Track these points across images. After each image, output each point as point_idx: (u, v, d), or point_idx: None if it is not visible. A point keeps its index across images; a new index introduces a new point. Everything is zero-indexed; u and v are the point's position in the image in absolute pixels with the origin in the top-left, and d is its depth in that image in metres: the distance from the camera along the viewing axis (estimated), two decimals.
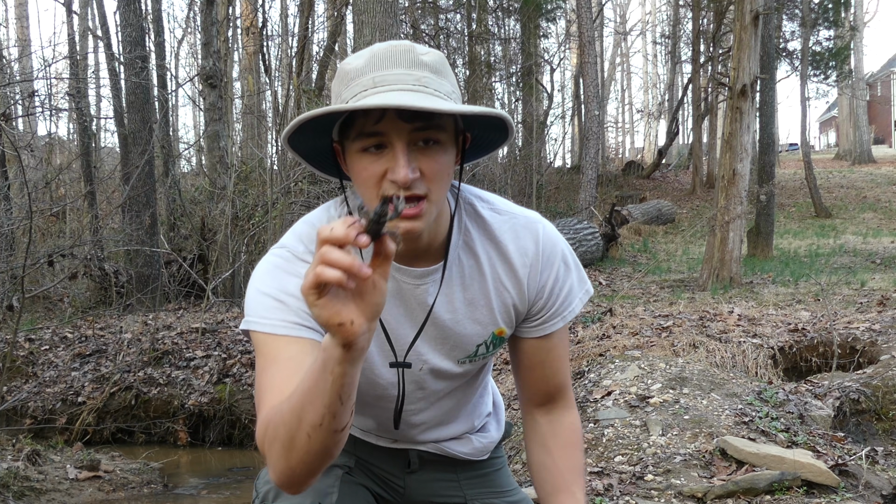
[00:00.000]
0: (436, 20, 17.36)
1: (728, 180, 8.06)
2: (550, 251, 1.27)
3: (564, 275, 1.29)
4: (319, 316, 0.86)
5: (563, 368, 1.37)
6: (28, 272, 5.41)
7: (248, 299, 1.18)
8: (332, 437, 0.98)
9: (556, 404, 1.38)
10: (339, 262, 0.83)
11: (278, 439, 1.01)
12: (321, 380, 0.93)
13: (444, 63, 1.12)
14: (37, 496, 3.67)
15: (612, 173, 22.28)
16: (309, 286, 0.84)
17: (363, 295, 0.88)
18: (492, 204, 1.28)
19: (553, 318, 1.31)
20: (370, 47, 1.13)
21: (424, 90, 1.07)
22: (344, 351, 0.89)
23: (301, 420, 0.97)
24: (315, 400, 0.94)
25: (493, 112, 1.12)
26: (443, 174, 1.10)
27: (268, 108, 15.76)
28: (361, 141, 1.07)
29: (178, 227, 9.76)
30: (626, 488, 2.65)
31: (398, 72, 1.08)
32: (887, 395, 3.52)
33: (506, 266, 1.26)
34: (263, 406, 1.08)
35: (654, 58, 38.62)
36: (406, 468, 1.44)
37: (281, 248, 1.22)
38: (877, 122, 37.72)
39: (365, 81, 1.08)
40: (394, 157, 1.06)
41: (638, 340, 4.76)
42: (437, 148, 1.09)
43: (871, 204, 18.02)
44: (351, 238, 0.83)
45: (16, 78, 8.87)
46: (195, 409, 5.29)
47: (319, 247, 0.84)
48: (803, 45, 18.44)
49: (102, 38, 11.64)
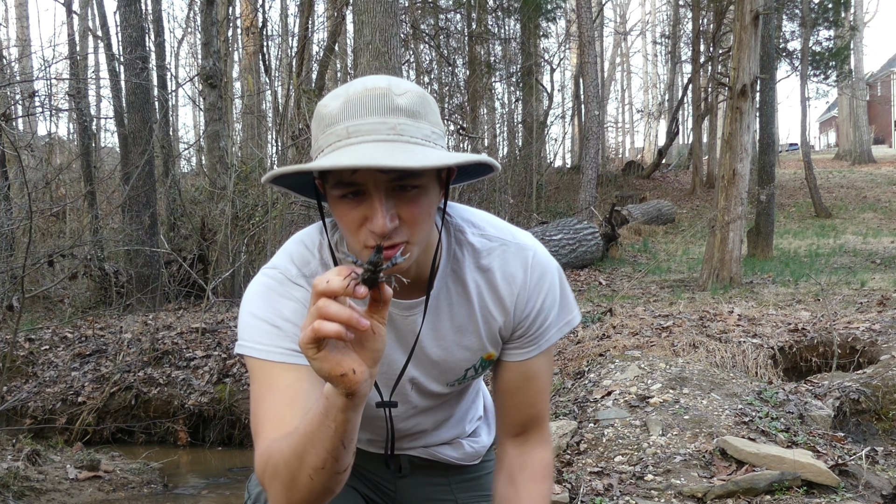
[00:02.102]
0: (436, 20, 17.36)
1: (728, 180, 8.06)
2: (539, 279, 1.24)
3: (549, 306, 1.26)
4: (321, 369, 0.86)
5: (540, 400, 1.32)
6: (28, 272, 5.41)
7: (242, 322, 1.19)
8: (335, 479, 0.99)
9: (530, 437, 1.34)
10: (338, 316, 0.83)
11: (279, 477, 1.01)
12: (323, 426, 0.93)
13: (423, 102, 1.08)
14: (37, 496, 3.67)
15: (612, 173, 22.30)
16: (307, 341, 0.84)
17: (363, 343, 0.88)
18: (482, 229, 1.25)
19: (528, 346, 1.28)
20: (347, 87, 1.09)
21: (399, 139, 1.03)
22: (347, 400, 0.89)
23: (303, 462, 0.98)
24: (317, 444, 0.95)
25: (470, 159, 1.08)
26: (423, 217, 1.08)
27: (268, 108, 15.78)
28: (339, 189, 1.05)
29: (178, 227, 9.76)
30: (626, 488, 2.65)
31: (373, 120, 1.04)
32: (887, 395, 3.52)
33: (493, 294, 1.24)
34: (261, 437, 1.08)
35: (654, 58, 38.66)
36: (397, 473, 1.44)
37: (273, 269, 1.21)
38: (877, 122, 37.72)
39: (339, 131, 1.04)
40: (371, 207, 1.03)
41: (638, 340, 4.76)
42: (416, 192, 1.06)
43: (871, 204, 18.03)
44: (350, 290, 0.83)
45: (16, 78, 8.87)
46: (195, 409, 5.29)
47: (315, 300, 0.84)
48: (803, 45, 18.45)
49: (102, 38, 11.64)
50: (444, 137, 1.12)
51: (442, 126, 1.13)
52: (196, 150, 15.98)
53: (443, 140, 1.11)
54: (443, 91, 17.44)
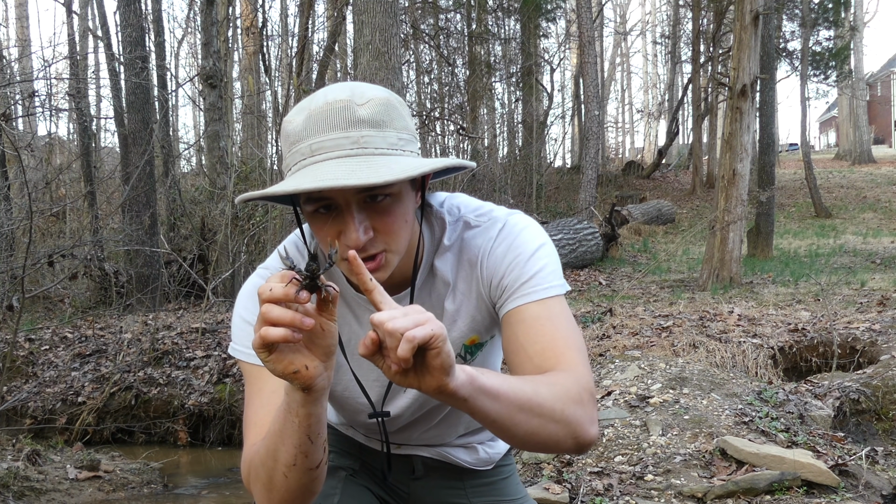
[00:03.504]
0: (436, 20, 17.36)
1: (728, 180, 8.06)
2: (508, 232, 1.19)
3: (522, 250, 1.18)
4: (274, 370, 0.89)
5: (556, 346, 1.12)
6: (28, 272, 5.41)
7: (233, 324, 1.21)
8: (308, 475, 1.01)
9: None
10: (281, 320, 0.85)
11: (259, 479, 1.05)
12: (288, 422, 0.96)
13: (386, 109, 1.05)
14: (37, 496, 3.67)
15: (612, 173, 22.31)
16: (257, 346, 0.87)
17: (314, 340, 0.90)
18: (465, 216, 1.23)
19: (517, 293, 1.17)
20: (310, 99, 1.08)
21: (363, 152, 1.02)
22: (304, 394, 0.92)
23: (276, 460, 1.00)
24: (286, 441, 0.98)
25: (436, 165, 1.05)
26: (399, 225, 1.07)
27: (268, 108, 15.76)
28: (311, 205, 1.05)
29: (178, 227, 9.76)
30: (626, 488, 2.65)
31: (335, 136, 1.03)
32: (887, 395, 3.52)
33: (469, 269, 1.21)
34: (247, 441, 1.12)
35: (654, 58, 38.65)
36: (411, 474, 1.43)
37: (265, 269, 1.23)
38: (877, 122, 37.72)
39: (303, 149, 1.04)
40: (344, 221, 1.04)
41: (638, 340, 4.76)
42: (388, 201, 1.05)
43: (871, 204, 18.03)
44: (291, 296, 0.85)
45: (16, 78, 8.86)
46: (195, 409, 5.29)
47: (262, 306, 0.86)
48: (803, 45, 18.45)
49: (102, 38, 11.64)
50: (413, 140, 1.11)
51: (411, 128, 1.11)
52: (196, 150, 15.98)
53: (412, 143, 1.10)
54: (443, 91, 17.45)
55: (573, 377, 1.08)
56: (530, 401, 0.99)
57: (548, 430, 1.01)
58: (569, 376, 1.07)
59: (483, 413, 0.95)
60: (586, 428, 1.06)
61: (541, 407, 1.00)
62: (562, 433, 1.03)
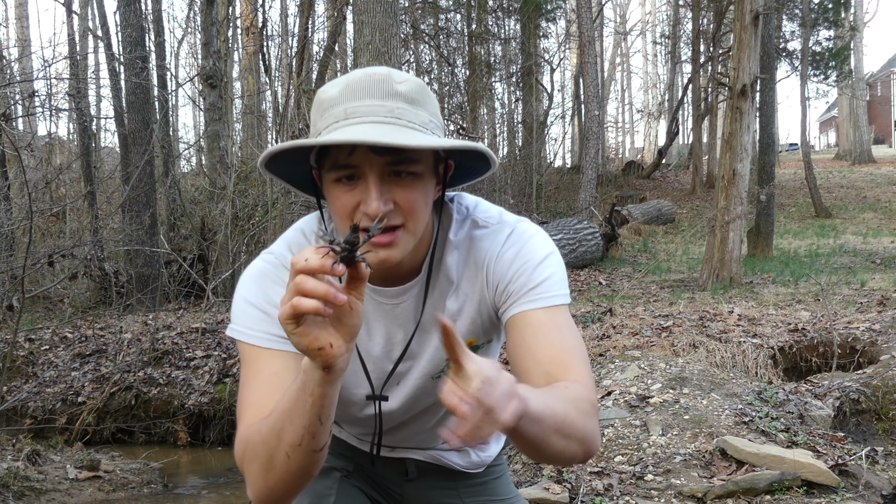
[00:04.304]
0: (436, 20, 17.36)
1: (728, 180, 8.06)
2: (517, 238, 1.20)
3: (531, 257, 1.18)
4: (299, 343, 0.88)
5: (561, 352, 1.11)
6: (28, 272, 5.41)
7: (235, 306, 1.19)
8: (311, 457, 0.99)
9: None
10: (315, 292, 0.84)
11: (257, 458, 1.02)
12: (301, 400, 0.94)
13: (422, 91, 1.09)
14: (37, 496, 3.67)
15: (612, 173, 22.31)
16: (286, 316, 0.85)
17: (340, 318, 0.89)
18: (473, 215, 1.24)
19: (523, 298, 1.17)
20: (347, 75, 1.10)
21: (397, 122, 1.04)
22: (324, 373, 0.91)
23: (280, 440, 0.98)
24: (295, 420, 0.96)
25: (467, 145, 1.08)
26: (419, 205, 1.08)
27: (268, 108, 15.77)
28: (335, 172, 1.06)
29: (178, 227, 9.76)
30: (626, 488, 2.65)
31: (371, 103, 1.05)
32: (887, 395, 3.52)
33: (477, 275, 1.22)
34: (243, 421, 1.09)
35: (654, 58, 38.66)
36: (404, 476, 1.44)
37: (270, 254, 1.23)
38: (877, 122, 37.72)
39: (337, 112, 1.06)
40: (366, 190, 1.04)
41: (638, 340, 4.76)
42: (412, 179, 1.06)
43: (871, 204, 18.03)
44: (327, 268, 0.84)
45: (16, 78, 8.86)
46: (195, 409, 5.29)
47: (294, 276, 0.85)
48: (803, 45, 18.46)
49: (102, 38, 11.64)
50: (441, 129, 1.12)
51: (441, 119, 1.13)
52: (196, 150, 15.97)
53: (440, 132, 1.12)
54: (443, 91, 17.44)
55: (586, 391, 1.07)
56: (563, 422, 0.98)
57: (571, 448, 1.02)
58: (582, 390, 1.07)
59: (524, 437, 0.93)
60: (596, 441, 1.07)
61: (570, 428, 1.00)
62: (579, 449, 1.04)
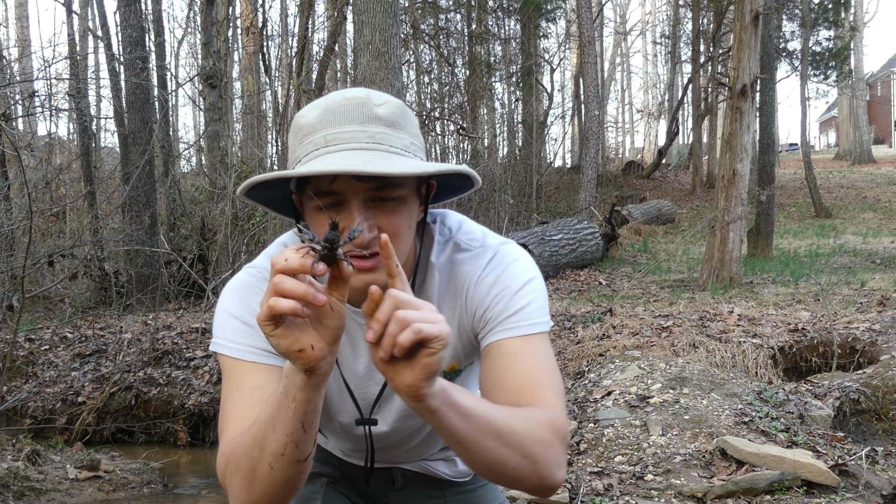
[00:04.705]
0: (436, 20, 17.36)
1: (728, 180, 8.06)
2: (497, 263, 1.18)
3: (510, 283, 1.16)
4: (278, 345, 0.86)
5: (533, 384, 1.09)
6: (28, 272, 5.41)
7: (217, 319, 1.17)
8: (295, 468, 0.97)
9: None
10: (293, 292, 0.82)
11: (240, 470, 0.99)
12: (283, 407, 0.92)
13: (402, 113, 1.07)
14: (37, 496, 3.67)
15: (612, 173, 22.32)
16: (263, 317, 0.84)
17: (321, 319, 0.88)
18: (455, 238, 1.21)
19: (500, 326, 1.15)
20: (324, 98, 1.08)
21: (378, 147, 1.03)
22: (306, 377, 0.89)
23: (263, 449, 0.96)
24: (277, 428, 0.94)
25: (450, 168, 1.07)
26: (402, 229, 1.06)
27: (268, 108, 15.78)
28: (318, 199, 1.04)
29: (178, 227, 9.76)
30: (626, 488, 2.65)
31: (351, 128, 1.03)
32: (887, 395, 3.52)
33: (456, 300, 1.19)
34: (225, 435, 1.07)
35: (654, 58, 38.65)
36: (391, 486, 1.43)
37: (252, 267, 1.22)
38: (877, 122, 37.72)
39: (317, 139, 1.04)
40: (350, 217, 1.02)
41: (638, 340, 4.76)
42: (395, 204, 1.05)
43: (871, 204, 18.03)
44: (307, 267, 0.82)
45: (16, 78, 8.86)
46: (195, 409, 5.29)
47: (273, 276, 0.83)
48: (803, 45, 18.45)
49: (102, 38, 11.64)
50: (423, 150, 1.11)
51: (421, 139, 1.12)
52: (196, 150, 15.97)
53: (422, 153, 1.10)
54: (443, 91, 17.45)
55: (549, 417, 1.05)
56: (501, 429, 0.96)
57: (513, 462, 0.99)
58: (544, 415, 1.04)
59: (451, 430, 0.93)
60: (553, 470, 1.03)
61: (511, 437, 0.97)
62: (527, 470, 1.00)
